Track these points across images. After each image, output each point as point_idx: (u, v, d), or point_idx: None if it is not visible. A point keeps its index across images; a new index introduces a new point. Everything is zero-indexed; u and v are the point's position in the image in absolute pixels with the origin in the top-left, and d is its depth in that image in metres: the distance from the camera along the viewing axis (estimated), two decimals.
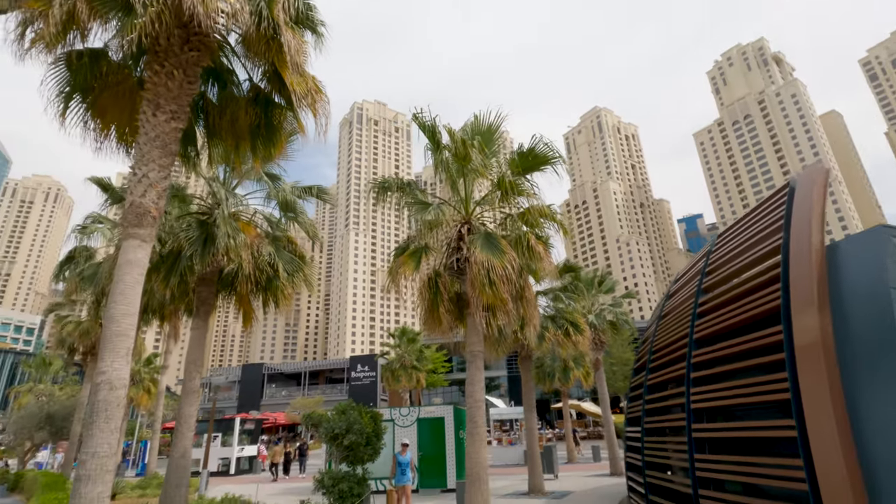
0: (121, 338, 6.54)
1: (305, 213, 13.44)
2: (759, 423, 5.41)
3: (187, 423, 11.45)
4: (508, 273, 8.92)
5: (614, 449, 18.90)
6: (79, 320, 22.31)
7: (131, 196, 7.23)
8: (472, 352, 9.66)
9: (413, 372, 31.95)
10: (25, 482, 19.80)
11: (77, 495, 5.85)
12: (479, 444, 9.03)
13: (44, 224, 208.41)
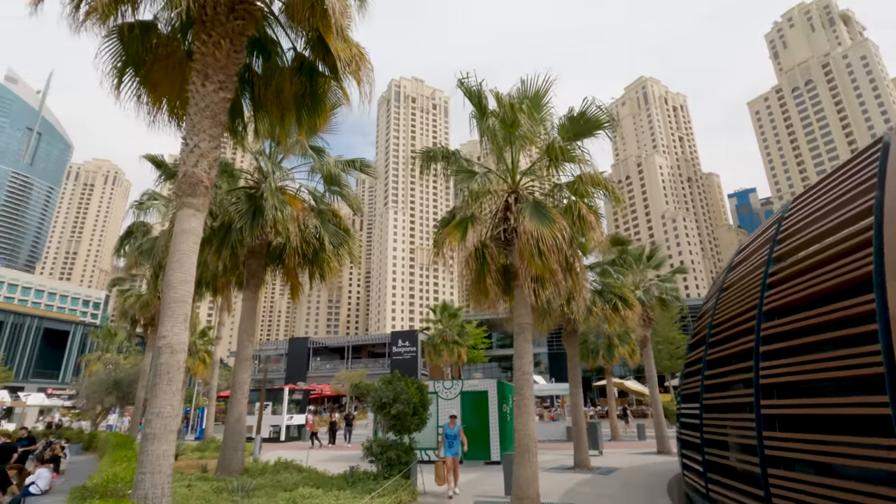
0: (179, 304, 6.71)
1: (349, 187, 13.45)
2: (847, 400, 4.95)
3: (241, 389, 11.91)
4: (559, 243, 8.58)
5: (662, 427, 18.41)
6: (139, 293, 23.55)
7: (184, 166, 7.34)
8: (519, 324, 9.45)
9: (454, 347, 32.18)
10: (98, 442, 21.40)
11: (144, 452, 6.11)
12: (528, 417, 8.89)
13: (104, 205, 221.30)
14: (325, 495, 7.93)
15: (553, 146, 9.16)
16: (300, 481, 9.92)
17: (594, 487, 11.11)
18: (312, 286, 14.26)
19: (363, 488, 8.87)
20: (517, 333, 9.42)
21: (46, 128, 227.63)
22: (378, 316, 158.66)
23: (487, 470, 14.42)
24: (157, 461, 6.10)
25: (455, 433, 10.61)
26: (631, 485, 11.45)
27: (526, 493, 8.41)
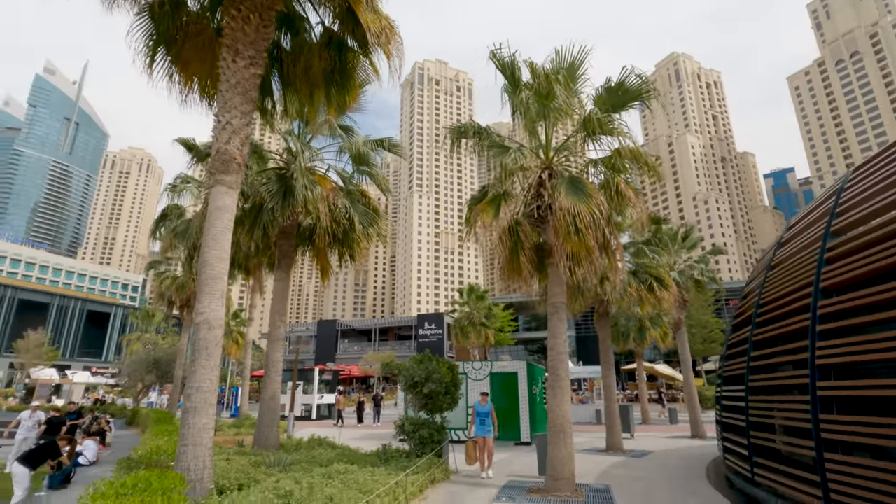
0: (215, 280, 6.75)
1: (378, 166, 13.32)
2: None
3: (275, 367, 12.10)
4: (596, 219, 8.28)
5: (696, 411, 17.99)
6: (174, 276, 24.22)
7: (217, 143, 7.32)
8: (553, 304, 9.23)
9: (482, 329, 32.14)
10: (139, 418, 22.33)
11: (186, 425, 6.21)
12: (562, 397, 8.72)
13: (139, 192, 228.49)
14: (360, 471, 7.97)
15: (590, 118, 8.78)
16: (334, 457, 10.03)
17: (629, 470, 10.91)
18: (342, 266, 14.29)
19: (397, 465, 8.89)
20: (551, 313, 9.20)
21: (83, 117, 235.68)
22: (403, 299, 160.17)
23: (517, 450, 14.38)
24: (198, 434, 6.20)
25: (487, 411, 10.18)
26: (667, 468, 11.21)
27: (561, 473, 8.30)
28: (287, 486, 6.73)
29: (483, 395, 10.59)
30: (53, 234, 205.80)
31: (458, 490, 8.73)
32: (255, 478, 7.65)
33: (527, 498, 8.13)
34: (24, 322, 61.28)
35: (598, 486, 9.06)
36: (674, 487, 9.00)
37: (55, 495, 8.33)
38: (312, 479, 7.22)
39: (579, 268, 8.78)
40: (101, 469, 10.82)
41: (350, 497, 6.35)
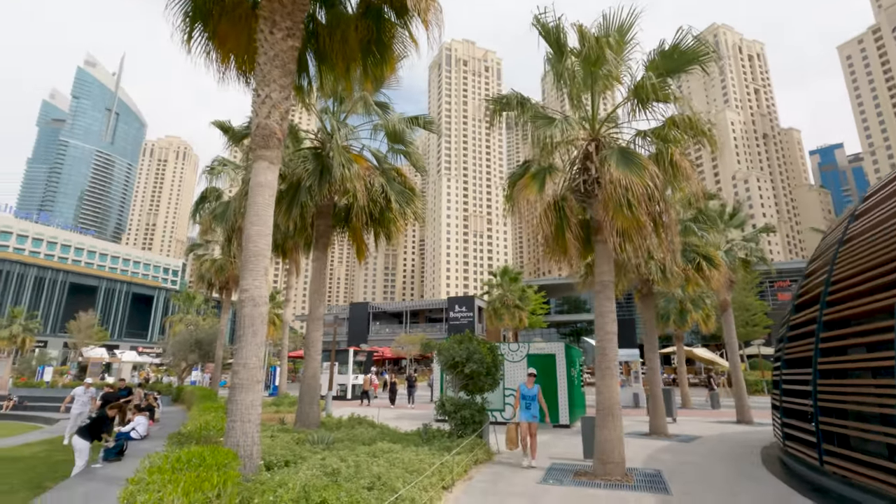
0: (258, 257, 6.66)
1: (414, 144, 13.03)
2: None
3: (315, 346, 12.15)
4: (650, 191, 7.79)
5: (743, 396, 17.28)
6: (213, 259, 24.78)
7: (256, 118, 7.18)
8: (601, 282, 8.83)
9: (516, 311, 31.82)
10: (184, 394, 23.16)
11: (233, 401, 6.19)
12: (611, 379, 8.38)
13: (177, 179, 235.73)
14: (404, 450, 7.90)
15: (643, 84, 8.22)
16: (375, 436, 10.04)
17: (677, 455, 10.51)
18: (378, 247, 14.19)
19: (440, 445, 8.79)
20: (598, 291, 8.81)
21: (122, 108, 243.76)
22: (433, 283, 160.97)
23: (557, 433, 14.15)
24: (246, 410, 6.18)
25: (533, 394, 9.45)
26: (717, 453, 10.75)
27: (610, 457, 8.00)
28: (333, 463, 6.70)
29: (530, 377, 9.79)
30: (99, 220, 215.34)
31: (501, 471, 8.56)
32: (300, 455, 7.66)
33: (574, 481, 7.89)
34: (75, 304, 64.63)
35: (647, 470, 8.73)
36: (729, 473, 8.58)
37: (110, 467, 8.60)
38: (358, 458, 7.17)
39: (629, 244, 8.34)
40: (151, 443, 11.17)
41: (397, 476, 6.24)
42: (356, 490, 5.21)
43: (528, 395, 9.57)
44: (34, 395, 29.03)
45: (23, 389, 30.32)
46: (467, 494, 6.97)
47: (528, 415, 9.41)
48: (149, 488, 3.45)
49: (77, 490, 6.80)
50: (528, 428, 9.30)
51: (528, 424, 9.31)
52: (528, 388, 9.65)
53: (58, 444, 14.59)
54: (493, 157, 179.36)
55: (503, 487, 7.37)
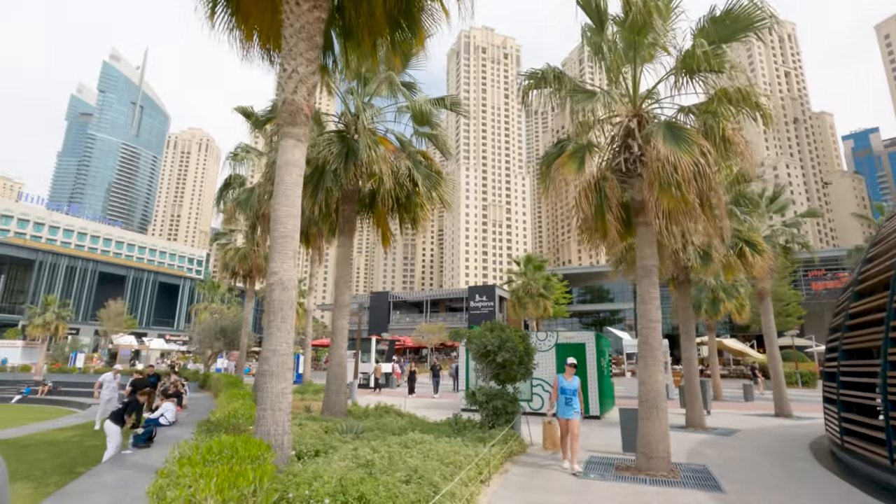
0: (287, 239, 6.36)
1: (440, 126, 12.59)
2: None
3: (341, 334, 11.92)
4: (702, 169, 7.22)
5: (782, 388, 16.54)
6: (237, 247, 24.85)
7: (283, 94, 6.85)
8: (644, 266, 8.31)
9: (540, 300, 31.27)
10: (211, 381, 23.40)
11: (263, 389, 5.94)
12: (655, 369, 7.90)
13: (200, 171, 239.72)
14: (437, 441, 7.58)
15: (693, 53, 7.61)
16: (405, 426, 9.78)
17: (720, 449, 9.99)
18: (402, 232, 13.86)
19: (472, 437, 8.47)
20: (641, 277, 8.30)
21: (147, 101, 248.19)
22: (452, 272, 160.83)
23: (588, 424, 13.70)
24: (277, 398, 5.93)
25: (574, 387, 8.30)
26: (763, 448, 10.19)
27: (655, 451, 7.55)
28: (366, 454, 6.42)
29: (569, 368, 8.53)
30: (126, 212, 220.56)
31: (538, 464, 8.19)
32: (330, 444, 7.42)
33: (617, 475, 7.48)
34: (104, 293, 66.34)
35: (693, 465, 8.26)
36: (782, 471, 8.05)
37: (140, 453, 8.52)
38: (391, 449, 6.87)
39: (676, 226, 7.79)
40: (180, 430, 11.14)
41: (433, 468, 5.92)
42: (394, 484, 4.90)
43: (569, 389, 8.34)
44: (68, 380, 29.83)
45: (57, 375, 31.20)
46: (505, 489, 6.63)
47: (569, 411, 8.18)
48: (179, 483, 3.17)
49: (107, 477, 6.68)
50: (567, 427, 8.14)
51: (567, 422, 8.15)
52: (567, 380, 8.42)
53: (90, 428, 14.78)
54: (513, 146, 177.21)
55: (542, 482, 7.00)
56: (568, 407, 8.23)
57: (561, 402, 8.36)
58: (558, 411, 8.32)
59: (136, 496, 5.79)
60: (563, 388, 8.38)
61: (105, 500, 5.62)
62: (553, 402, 8.50)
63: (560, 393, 8.39)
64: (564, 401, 8.33)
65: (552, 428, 8.63)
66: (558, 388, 8.40)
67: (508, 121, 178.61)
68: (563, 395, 8.37)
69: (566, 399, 8.32)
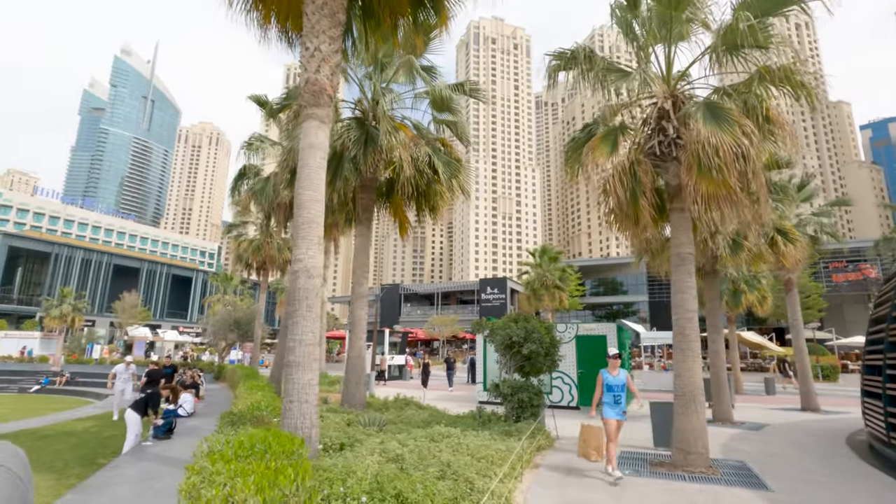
0: (311, 225, 6.10)
1: (460, 112, 12.24)
2: None
3: (360, 325, 11.70)
4: (745, 150, 6.82)
5: (809, 382, 16.09)
6: (250, 239, 24.75)
7: (305, 73, 6.55)
8: (679, 254, 7.94)
9: (555, 292, 30.87)
10: (226, 373, 23.44)
11: (290, 380, 5.71)
12: (693, 362, 7.56)
13: (210, 165, 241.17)
14: (465, 435, 7.33)
15: (734, 28, 7.17)
16: (427, 419, 9.56)
17: (754, 445, 9.63)
18: (421, 221, 13.58)
19: (499, 430, 8.21)
20: (676, 265, 7.94)
21: (158, 95, 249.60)
22: (461, 265, 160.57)
23: None
24: (304, 390, 5.70)
25: (622, 383, 7.13)
26: (798, 444, 9.82)
27: (693, 447, 7.24)
28: (395, 448, 6.19)
29: (613, 360, 7.31)
30: (139, 205, 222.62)
31: (568, 459, 7.91)
32: (355, 437, 7.21)
33: (652, 472, 7.18)
34: (118, 285, 67.04)
35: (731, 461, 7.93)
36: (825, 467, 7.69)
37: (160, 445, 8.39)
38: (419, 443, 6.65)
39: (715, 212, 7.41)
40: (199, 421, 11.03)
41: (466, 464, 5.67)
42: (431, 481, 4.64)
43: (616, 385, 7.12)
44: (84, 371, 30.11)
45: (74, 366, 31.52)
46: (539, 485, 6.36)
47: (617, 411, 7.06)
48: (214, 480, 2.93)
49: (129, 470, 6.52)
50: (615, 429, 7.00)
51: (616, 423, 7.03)
52: (612, 375, 7.21)
53: (107, 419, 14.78)
54: (522, 138, 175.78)
55: (577, 478, 6.72)
56: (616, 406, 7.09)
57: (608, 400, 7.16)
58: (603, 411, 7.15)
59: (160, 490, 5.61)
60: (608, 384, 7.20)
61: (128, 494, 5.45)
62: (596, 400, 7.26)
63: (606, 390, 7.20)
64: (612, 399, 7.13)
65: (595, 432, 7.11)
66: (603, 384, 7.23)
67: (518, 112, 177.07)
68: (611, 393, 7.16)
69: (614, 397, 7.13)
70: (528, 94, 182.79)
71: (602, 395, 7.19)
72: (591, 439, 7.04)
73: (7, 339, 38.72)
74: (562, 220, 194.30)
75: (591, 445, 7.01)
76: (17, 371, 30.66)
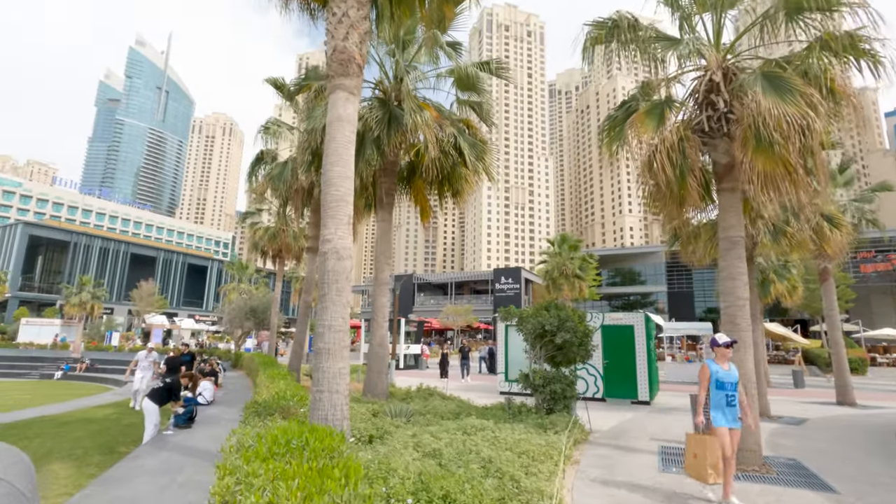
0: (340, 203, 5.68)
1: (486, 91, 11.70)
2: None
3: (381, 312, 11.34)
4: (810, 123, 6.23)
5: (845, 375, 15.41)
6: (266, 226, 24.53)
7: (333, 41, 6.10)
8: (729, 238, 7.40)
9: (576, 281, 30.24)
10: (243, 360, 23.40)
11: (319, 369, 5.34)
12: (745, 353, 7.04)
13: (224, 155, 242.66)
14: (500, 428, 6.95)
15: None
16: (455, 410, 9.19)
17: (799, 441, 9.11)
18: (442, 207, 13.14)
19: (532, 423, 7.82)
20: (726, 249, 7.39)
21: (172, 86, 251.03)
22: (473, 255, 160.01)
23: (638, 410, 12.97)
24: (334, 379, 5.33)
25: (736, 381, 5.45)
26: (845, 440, 9.27)
27: (745, 443, 6.74)
28: (429, 442, 5.81)
29: (724, 349, 5.58)
30: (154, 195, 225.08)
31: (608, 454, 7.48)
32: (384, 429, 6.84)
33: None
34: (136, 274, 67.80)
35: (783, 459, 7.43)
36: (887, 466, 7.16)
37: (181, 434, 8.14)
38: (453, 436, 6.26)
39: (773, 192, 6.83)
40: (218, 409, 10.81)
41: (508, 460, 5.27)
42: (477, 480, 4.24)
43: (730, 383, 5.41)
44: (104, 358, 30.39)
45: (94, 353, 31.83)
46: (584, 483, 5.94)
47: (731, 418, 5.36)
48: (251, 483, 2.54)
49: (149, 461, 6.24)
50: (732, 441, 5.31)
51: (731, 434, 5.35)
52: (724, 368, 5.48)
53: (126, 406, 14.71)
54: (536, 128, 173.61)
55: (623, 477, 6.28)
56: (730, 410, 5.38)
57: (718, 402, 5.39)
58: (713, 417, 5.38)
59: (183, 483, 5.30)
60: (720, 380, 5.40)
61: (150, 488, 5.14)
62: (702, 402, 5.47)
63: (717, 388, 5.39)
64: (725, 400, 5.37)
65: (712, 444, 5.20)
66: (712, 380, 5.43)
67: (532, 101, 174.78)
68: (722, 392, 5.37)
69: (727, 398, 5.36)
70: (542, 82, 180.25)
71: (709, 396, 5.44)
72: (708, 454, 5.16)
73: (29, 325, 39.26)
74: (575, 210, 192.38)
75: (708, 462, 5.12)
76: (39, 357, 31.06)
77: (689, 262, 13.50)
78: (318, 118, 10.66)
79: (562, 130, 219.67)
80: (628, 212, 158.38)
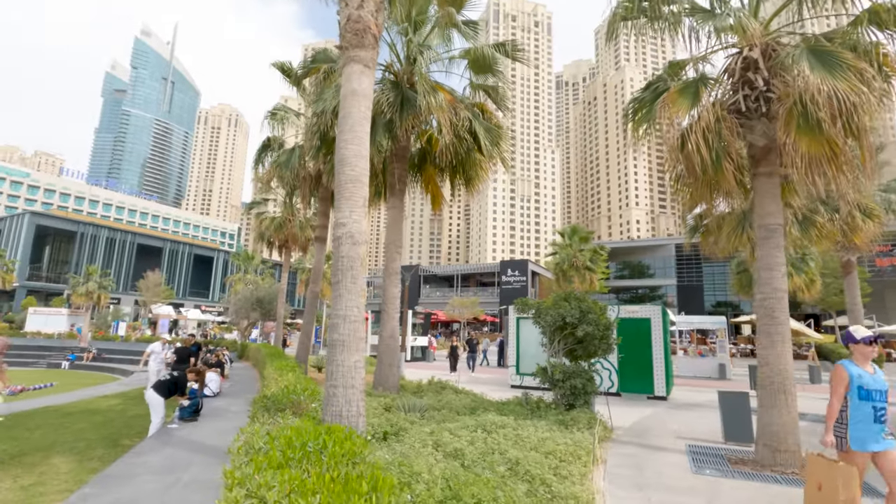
0: (356, 184, 5.27)
1: (503, 73, 11.21)
2: None
3: (392, 303, 10.98)
4: (863, 100, 5.74)
5: None
6: (272, 216, 24.19)
7: (347, 9, 5.66)
8: (766, 226, 6.93)
9: (586, 273, 29.77)
10: (249, 351, 23.21)
11: (333, 362, 4.96)
12: (783, 347, 6.63)
13: (230, 147, 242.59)
14: (520, 426, 6.57)
15: None
16: (470, 404, 8.82)
17: None
18: (455, 193, 12.71)
19: (553, 419, 7.44)
20: (763, 238, 6.94)
21: (177, 76, 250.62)
22: (479, 247, 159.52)
23: (656, 405, 12.58)
24: (349, 373, 4.96)
25: (886, 389, 4.03)
26: None
27: (783, 443, 6.36)
28: (449, 440, 5.43)
29: (867, 346, 4.14)
30: (161, 186, 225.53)
31: (635, 453, 7.10)
32: (398, 425, 6.47)
33: (736, 470, 6.32)
34: (142, 264, 67.87)
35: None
36: None
37: (186, 427, 7.82)
38: (473, 434, 5.89)
39: (819, 176, 6.36)
40: (224, 401, 10.51)
41: (536, 461, 4.89)
42: (510, 487, 3.87)
43: (878, 391, 3.99)
44: (111, 347, 30.34)
45: (100, 343, 31.79)
46: (616, 485, 5.56)
47: (878, 437, 3.93)
48: (263, 497, 2.16)
49: (153, 457, 5.92)
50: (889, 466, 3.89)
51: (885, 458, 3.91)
52: (869, 373, 4.08)
53: (132, 397, 14.48)
54: (542, 119, 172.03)
55: (654, 478, 5.90)
56: (880, 428, 3.95)
57: (863, 416, 3.97)
58: (853, 437, 3.98)
59: (189, 482, 4.97)
60: (865, 387, 4.00)
61: (153, 487, 4.81)
62: (834, 416, 4.11)
63: (860, 398, 4.00)
64: (873, 415, 3.95)
65: (842, 473, 3.75)
66: (852, 387, 4.04)
67: (539, 92, 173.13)
68: (869, 403, 3.97)
69: (875, 411, 3.96)
70: (549, 73, 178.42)
71: (845, 407, 4.06)
72: (841, 487, 3.70)
73: (36, 314, 39.30)
74: (581, 203, 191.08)
75: (841, 499, 3.68)
76: (46, 346, 31.06)
77: (711, 253, 13.03)
78: (328, 100, 10.23)
79: (569, 122, 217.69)
80: (635, 205, 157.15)
